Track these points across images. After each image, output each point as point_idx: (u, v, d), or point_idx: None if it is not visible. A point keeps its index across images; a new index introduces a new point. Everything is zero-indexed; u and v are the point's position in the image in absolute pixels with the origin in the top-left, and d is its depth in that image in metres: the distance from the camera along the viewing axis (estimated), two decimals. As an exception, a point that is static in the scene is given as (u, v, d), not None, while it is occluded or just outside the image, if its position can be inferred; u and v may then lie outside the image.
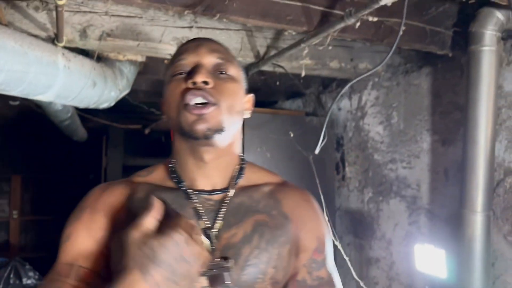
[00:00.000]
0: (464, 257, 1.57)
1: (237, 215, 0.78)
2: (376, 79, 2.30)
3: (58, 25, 1.41)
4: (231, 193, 0.80)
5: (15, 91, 1.40)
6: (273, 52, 1.89)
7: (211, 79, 0.75)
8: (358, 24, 1.40)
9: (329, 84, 2.68)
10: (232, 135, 0.81)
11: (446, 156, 1.87)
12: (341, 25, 1.34)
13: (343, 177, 2.57)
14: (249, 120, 2.38)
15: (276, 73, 2.14)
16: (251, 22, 1.44)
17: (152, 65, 2.05)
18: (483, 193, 1.53)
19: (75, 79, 1.59)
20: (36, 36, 1.51)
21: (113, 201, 0.80)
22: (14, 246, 4.71)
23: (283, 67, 2.04)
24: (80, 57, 1.64)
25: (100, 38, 1.61)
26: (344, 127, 2.57)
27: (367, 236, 2.35)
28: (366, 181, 2.37)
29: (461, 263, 1.59)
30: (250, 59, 1.92)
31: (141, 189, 0.81)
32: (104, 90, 1.81)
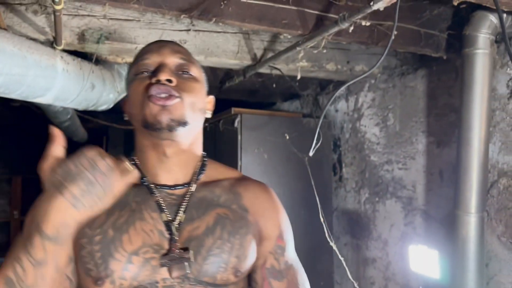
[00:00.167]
0: (458, 258, 1.58)
1: (199, 209, 0.81)
2: (373, 81, 2.32)
3: (56, 28, 1.42)
4: (193, 188, 0.83)
5: (14, 94, 1.42)
6: (270, 55, 1.90)
7: (174, 77, 0.78)
8: (352, 28, 1.42)
9: (326, 86, 2.70)
10: (194, 133, 0.83)
11: (441, 158, 1.88)
12: (336, 29, 1.36)
13: (340, 178, 2.58)
14: (246, 122, 2.41)
15: (273, 75, 2.16)
16: (246, 26, 1.45)
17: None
18: (477, 194, 1.54)
19: (73, 82, 1.61)
20: (35, 40, 1.53)
21: None
22: (14, 246, 4.72)
23: (279, 69, 2.05)
24: (79, 60, 1.66)
25: (98, 41, 1.62)
26: (341, 128, 2.58)
27: (363, 237, 2.37)
28: (362, 182, 2.39)
29: (455, 263, 1.60)
30: (247, 61, 1.94)
31: None
32: (102, 92, 1.83)
